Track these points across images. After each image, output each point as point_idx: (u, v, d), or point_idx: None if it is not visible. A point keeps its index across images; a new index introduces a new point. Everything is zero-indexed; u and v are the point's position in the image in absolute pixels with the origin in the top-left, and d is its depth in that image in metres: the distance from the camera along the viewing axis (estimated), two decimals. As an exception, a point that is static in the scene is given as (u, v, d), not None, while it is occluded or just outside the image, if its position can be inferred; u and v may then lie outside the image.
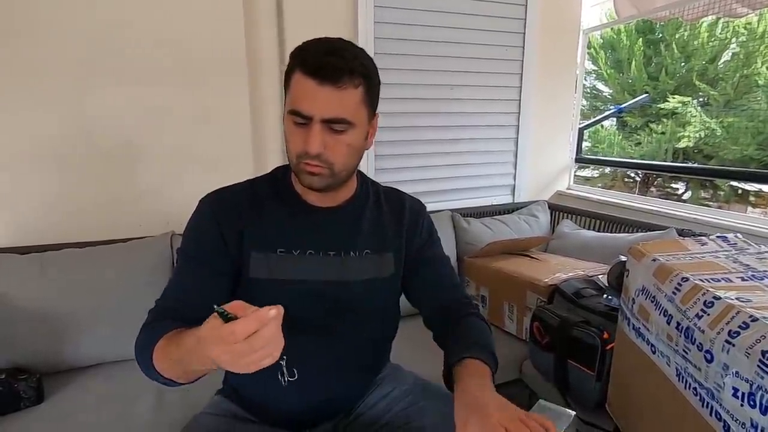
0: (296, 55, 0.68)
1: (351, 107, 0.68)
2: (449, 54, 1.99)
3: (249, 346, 0.48)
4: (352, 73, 0.66)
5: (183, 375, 0.62)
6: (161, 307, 0.74)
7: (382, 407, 0.84)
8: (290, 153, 0.72)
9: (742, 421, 0.50)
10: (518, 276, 1.52)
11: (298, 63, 0.67)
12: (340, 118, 0.67)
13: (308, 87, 0.65)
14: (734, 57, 5.03)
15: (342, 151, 0.70)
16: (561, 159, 2.46)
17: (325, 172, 0.70)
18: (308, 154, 0.68)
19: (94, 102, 1.42)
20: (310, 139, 0.67)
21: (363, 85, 0.69)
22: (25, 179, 1.39)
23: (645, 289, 0.71)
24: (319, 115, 0.66)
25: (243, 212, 0.76)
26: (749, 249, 0.74)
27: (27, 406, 1.11)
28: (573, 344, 1.16)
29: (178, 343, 0.59)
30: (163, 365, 0.62)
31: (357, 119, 0.69)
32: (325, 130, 0.68)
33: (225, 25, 1.54)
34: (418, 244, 0.86)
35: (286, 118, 0.71)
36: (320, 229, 0.78)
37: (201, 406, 0.85)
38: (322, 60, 0.65)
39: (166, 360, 0.62)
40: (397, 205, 0.87)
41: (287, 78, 0.70)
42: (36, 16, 1.33)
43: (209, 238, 0.75)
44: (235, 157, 1.62)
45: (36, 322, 1.24)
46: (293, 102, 0.68)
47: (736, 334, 0.52)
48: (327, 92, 0.65)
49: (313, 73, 0.65)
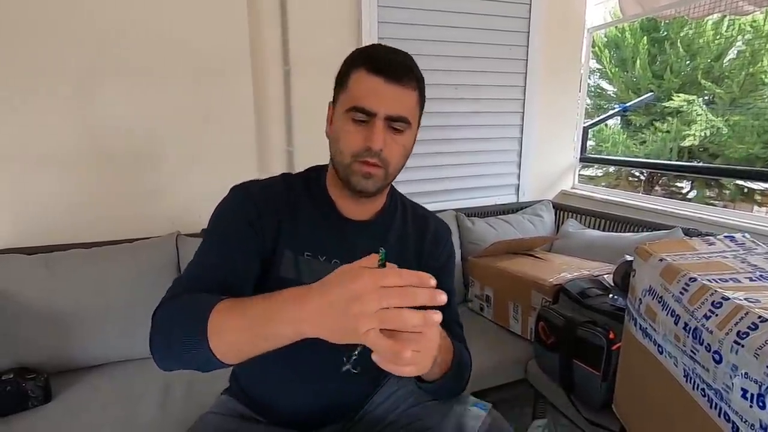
0: (358, 55, 0.70)
1: (411, 107, 0.70)
2: (453, 54, 1.99)
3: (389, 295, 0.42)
4: (412, 73, 0.69)
5: (248, 342, 0.52)
6: (191, 281, 0.66)
7: (388, 406, 0.84)
8: (343, 152, 0.70)
9: (751, 422, 0.49)
10: (523, 276, 1.52)
11: (362, 62, 0.68)
12: (402, 116, 0.68)
13: (374, 84, 0.66)
14: (740, 55, 4.99)
15: (398, 152, 0.71)
16: (565, 158, 2.45)
17: (380, 173, 0.71)
18: (371, 151, 0.68)
19: (99, 103, 1.43)
20: (374, 135, 0.67)
21: (418, 90, 0.71)
22: (31, 180, 1.40)
23: (652, 289, 0.71)
24: (384, 111, 0.67)
25: (280, 208, 0.75)
26: (757, 249, 0.73)
27: (35, 406, 1.12)
28: (578, 344, 1.15)
29: (263, 299, 0.51)
30: (227, 327, 0.52)
31: (413, 120, 0.71)
32: (386, 128, 0.68)
33: (229, 25, 1.55)
34: (435, 270, 0.83)
35: (341, 117, 0.70)
36: (348, 239, 0.77)
37: (207, 405, 0.85)
38: (389, 58, 0.68)
39: (236, 319, 0.52)
40: (421, 225, 0.86)
41: (344, 78, 0.71)
42: (41, 18, 1.33)
43: (245, 220, 0.72)
44: (239, 157, 1.63)
45: (43, 322, 1.25)
46: (357, 99, 0.68)
47: (745, 335, 0.51)
48: (393, 90, 0.67)
49: (380, 70, 0.66)
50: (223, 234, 0.72)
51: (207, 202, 1.55)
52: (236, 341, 0.52)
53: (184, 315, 0.58)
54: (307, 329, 0.47)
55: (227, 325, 0.52)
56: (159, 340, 0.59)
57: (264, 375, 0.80)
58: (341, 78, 0.72)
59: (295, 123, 1.77)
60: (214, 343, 0.52)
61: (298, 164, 1.78)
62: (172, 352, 0.57)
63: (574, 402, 1.17)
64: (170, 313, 0.60)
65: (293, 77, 1.73)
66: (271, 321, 0.49)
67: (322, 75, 1.88)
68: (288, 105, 1.75)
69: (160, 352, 0.59)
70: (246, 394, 0.84)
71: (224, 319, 0.53)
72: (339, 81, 0.72)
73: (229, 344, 0.53)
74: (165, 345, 0.58)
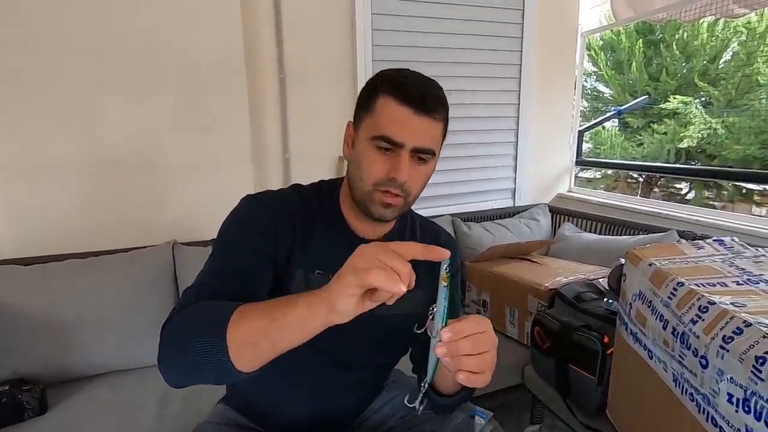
0: (387, 80, 0.67)
1: (437, 139, 0.69)
2: (448, 60, 2.00)
3: None
4: (442, 105, 0.68)
5: (266, 335, 0.52)
6: (203, 290, 0.64)
7: (387, 411, 0.85)
8: (364, 180, 0.68)
9: (737, 427, 0.50)
10: (519, 280, 1.52)
11: (391, 89, 0.66)
12: (429, 148, 0.67)
13: (403, 115, 0.65)
14: (735, 56, 5.02)
15: (420, 182, 0.71)
16: (561, 162, 2.46)
17: (400, 203, 0.69)
18: (395, 182, 0.66)
19: (96, 113, 1.44)
20: (400, 166, 0.65)
21: (444, 120, 0.70)
22: (28, 190, 1.41)
23: (642, 293, 0.72)
24: (411, 144, 0.65)
25: (295, 221, 0.73)
26: (745, 252, 0.74)
27: (30, 417, 1.12)
28: (574, 348, 1.15)
29: (288, 301, 0.52)
30: (247, 326, 0.52)
31: (438, 151, 0.70)
32: (412, 159, 0.67)
33: (225, 35, 1.56)
34: None
35: (364, 142, 0.68)
36: None
37: (204, 414, 0.85)
38: (422, 90, 0.65)
39: (257, 313, 0.52)
40: (433, 241, 0.85)
41: (370, 102, 0.68)
42: (40, 29, 1.35)
43: (259, 230, 0.70)
44: (236, 165, 1.64)
45: (39, 333, 1.25)
46: (383, 128, 0.65)
47: (730, 339, 0.52)
48: (422, 122, 0.65)
49: (412, 101, 0.64)
50: (236, 242, 0.70)
51: (204, 210, 1.58)
52: (255, 337, 0.52)
53: (200, 321, 0.56)
54: (324, 307, 0.49)
55: (247, 325, 0.52)
56: (171, 353, 0.58)
57: (262, 384, 0.80)
58: (366, 101, 0.69)
59: (291, 130, 1.78)
60: (233, 347, 0.51)
61: (295, 171, 1.79)
62: (186, 362, 0.55)
63: (570, 406, 1.17)
64: (184, 322, 0.58)
65: (288, 85, 1.74)
66: (292, 305, 0.51)
67: (317, 83, 1.90)
68: (284, 113, 1.76)
69: (173, 365, 0.58)
70: (243, 402, 0.84)
71: (245, 320, 0.52)
72: (364, 104, 0.70)
73: (248, 343, 0.52)
74: (179, 355, 0.56)
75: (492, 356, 0.53)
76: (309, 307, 0.50)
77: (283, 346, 0.52)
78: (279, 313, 0.51)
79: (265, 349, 0.52)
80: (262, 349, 0.52)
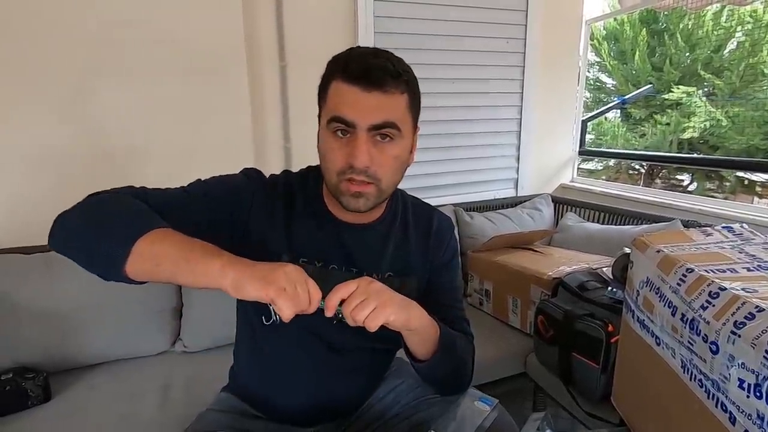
0: (334, 62, 0.65)
1: (398, 112, 0.64)
2: (450, 47, 1.98)
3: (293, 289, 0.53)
4: (398, 77, 0.63)
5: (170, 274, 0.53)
6: (144, 196, 0.64)
7: (390, 400, 0.84)
8: (329, 171, 0.66)
9: (748, 412, 0.49)
10: (522, 270, 1.52)
11: (338, 70, 0.63)
12: (388, 121, 0.63)
13: (352, 94, 0.61)
14: (740, 46, 4.97)
15: (389, 165, 0.66)
16: (564, 152, 2.44)
17: (372, 191, 0.66)
18: (354, 168, 0.63)
19: (94, 101, 1.42)
20: (356, 150, 0.62)
21: (407, 92, 0.65)
22: (28, 179, 1.40)
23: (649, 280, 0.71)
24: (364, 122, 0.62)
25: (276, 210, 0.73)
26: (755, 239, 0.73)
27: (34, 405, 1.12)
28: (577, 337, 1.15)
29: (207, 251, 0.54)
30: (159, 250, 0.53)
31: (404, 127, 0.65)
32: (371, 140, 0.63)
33: (224, 21, 1.54)
34: (437, 267, 0.83)
35: (323, 132, 0.67)
36: (346, 244, 0.75)
37: (206, 402, 0.85)
38: (367, 63, 0.61)
39: (174, 250, 0.53)
40: (425, 225, 0.83)
41: (323, 90, 0.66)
42: (34, 17, 1.33)
43: (234, 197, 0.70)
44: (236, 154, 1.62)
45: (42, 322, 1.25)
46: (335, 109, 0.63)
47: (741, 324, 0.51)
48: (373, 98, 0.61)
49: (358, 78, 0.61)
50: (205, 187, 0.71)
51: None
52: (162, 260, 0.53)
53: (128, 211, 0.58)
54: (231, 283, 0.52)
55: (161, 246, 0.54)
56: (79, 216, 0.58)
57: (264, 372, 0.80)
58: (321, 89, 0.67)
59: (292, 119, 1.76)
60: (138, 250, 0.53)
61: (296, 160, 1.78)
62: (86, 232, 0.56)
63: (574, 395, 1.17)
64: (114, 202, 0.60)
65: (289, 72, 1.72)
66: (209, 259, 0.53)
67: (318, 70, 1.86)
68: (285, 101, 1.74)
69: (71, 225, 0.57)
70: (246, 391, 0.84)
71: (164, 241, 0.54)
72: (320, 93, 0.68)
73: (152, 259, 0.53)
74: (86, 223, 0.57)
75: (373, 300, 0.58)
76: (222, 270, 0.52)
77: (178, 281, 0.54)
78: (195, 257, 0.53)
79: (162, 273, 0.54)
80: (159, 271, 0.53)
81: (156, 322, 1.37)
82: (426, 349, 0.71)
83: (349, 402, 0.83)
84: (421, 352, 0.71)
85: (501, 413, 0.75)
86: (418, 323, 0.66)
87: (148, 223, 0.55)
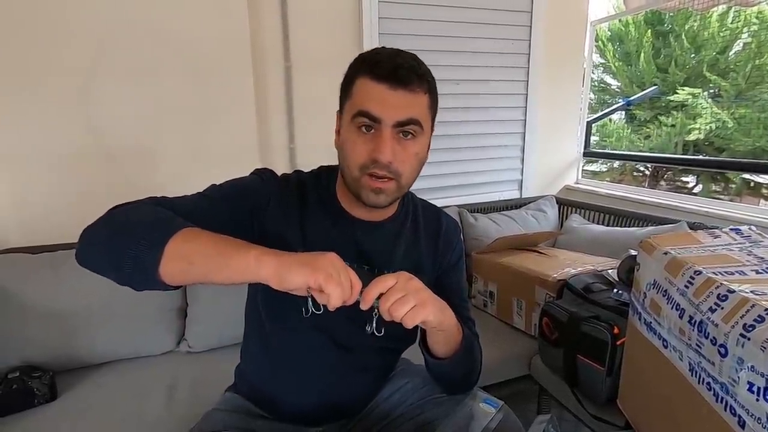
0: (361, 60, 0.67)
1: (421, 111, 0.67)
2: (455, 49, 1.97)
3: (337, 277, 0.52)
4: (422, 78, 0.66)
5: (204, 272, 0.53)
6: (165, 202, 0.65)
7: (396, 400, 0.85)
8: (351, 165, 0.67)
9: (757, 416, 0.49)
10: (526, 271, 1.51)
11: (365, 68, 0.65)
12: (413, 118, 0.65)
13: (380, 91, 0.64)
14: (746, 47, 4.93)
15: (410, 161, 0.68)
16: (569, 153, 2.43)
17: (392, 186, 0.67)
18: (377, 163, 0.65)
19: (100, 102, 1.43)
20: (381, 145, 0.64)
21: (429, 93, 0.68)
22: (34, 179, 1.41)
23: (656, 283, 0.70)
24: (390, 118, 0.64)
25: (288, 209, 0.73)
26: (764, 242, 0.73)
27: (41, 404, 1.13)
28: (582, 339, 1.15)
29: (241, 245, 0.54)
30: (191, 247, 0.53)
31: (425, 125, 0.68)
32: (395, 137, 0.65)
33: (229, 21, 1.55)
34: (446, 268, 0.84)
35: (347, 126, 0.68)
36: (359, 242, 0.76)
37: (212, 402, 0.85)
38: (395, 62, 0.64)
39: (207, 246, 0.53)
40: (434, 226, 0.84)
41: (348, 86, 0.68)
42: (40, 16, 1.34)
43: (251, 198, 0.71)
44: (241, 155, 1.63)
45: (48, 321, 1.25)
46: (361, 104, 0.65)
47: (751, 327, 0.51)
48: (400, 96, 0.64)
49: (386, 77, 0.63)
50: (223, 191, 0.71)
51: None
52: (195, 257, 0.52)
53: (154, 217, 0.57)
54: (274, 274, 0.51)
55: (194, 243, 0.53)
56: (105, 227, 0.57)
57: (271, 371, 0.80)
58: (345, 86, 0.69)
59: (296, 120, 1.76)
60: (170, 253, 0.52)
61: (301, 161, 1.78)
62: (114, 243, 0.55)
63: (579, 397, 1.17)
64: (138, 210, 0.59)
65: (294, 74, 1.73)
66: (244, 252, 0.53)
67: (323, 71, 1.88)
68: (289, 102, 1.75)
69: (98, 239, 0.57)
70: (253, 389, 0.84)
71: (195, 239, 0.54)
72: (343, 89, 0.70)
73: (185, 258, 0.52)
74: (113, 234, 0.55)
75: (413, 298, 0.58)
76: (258, 261, 0.52)
77: (213, 279, 0.53)
78: (228, 251, 0.53)
79: (195, 271, 0.53)
80: (192, 270, 0.53)
81: (162, 321, 1.38)
82: (448, 348, 0.72)
83: (357, 401, 0.83)
84: (442, 351, 0.72)
85: (507, 415, 0.75)
86: (449, 323, 0.67)
87: (176, 225, 0.55)
